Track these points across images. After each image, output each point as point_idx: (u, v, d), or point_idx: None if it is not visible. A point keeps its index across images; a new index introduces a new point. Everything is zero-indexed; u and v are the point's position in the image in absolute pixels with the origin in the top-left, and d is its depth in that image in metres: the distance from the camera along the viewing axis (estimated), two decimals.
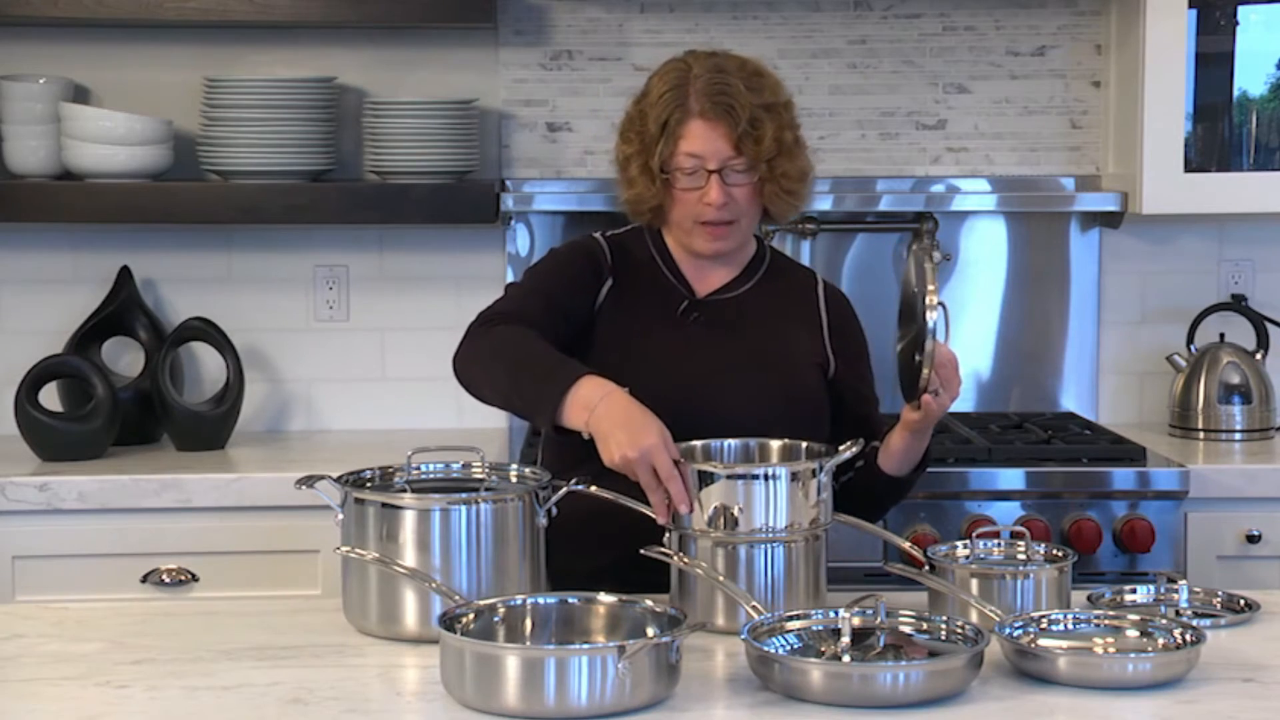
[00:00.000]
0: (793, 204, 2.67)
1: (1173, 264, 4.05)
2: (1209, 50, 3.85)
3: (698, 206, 2.61)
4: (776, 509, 2.32)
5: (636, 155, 2.64)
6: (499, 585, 2.30)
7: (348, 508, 2.36)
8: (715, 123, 2.57)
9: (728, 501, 2.31)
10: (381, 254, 3.96)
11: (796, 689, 2.01)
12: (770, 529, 2.32)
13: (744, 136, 2.57)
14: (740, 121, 2.57)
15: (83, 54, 3.89)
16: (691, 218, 2.62)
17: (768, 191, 2.63)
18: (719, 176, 2.59)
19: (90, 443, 3.57)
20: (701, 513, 2.32)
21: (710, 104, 2.57)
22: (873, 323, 3.99)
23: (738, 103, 2.57)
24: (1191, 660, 2.11)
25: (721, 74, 2.60)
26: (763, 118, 2.59)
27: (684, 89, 2.60)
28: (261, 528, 3.39)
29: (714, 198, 2.59)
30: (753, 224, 2.69)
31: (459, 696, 2.00)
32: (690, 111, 2.59)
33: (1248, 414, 3.84)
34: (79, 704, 2.05)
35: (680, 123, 2.59)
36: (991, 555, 2.47)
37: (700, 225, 2.62)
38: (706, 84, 2.59)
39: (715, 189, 2.59)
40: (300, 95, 3.75)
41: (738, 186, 2.60)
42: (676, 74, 2.63)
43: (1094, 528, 3.40)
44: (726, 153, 2.58)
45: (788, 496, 2.32)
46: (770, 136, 2.59)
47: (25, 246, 3.92)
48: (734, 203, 2.61)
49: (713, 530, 2.31)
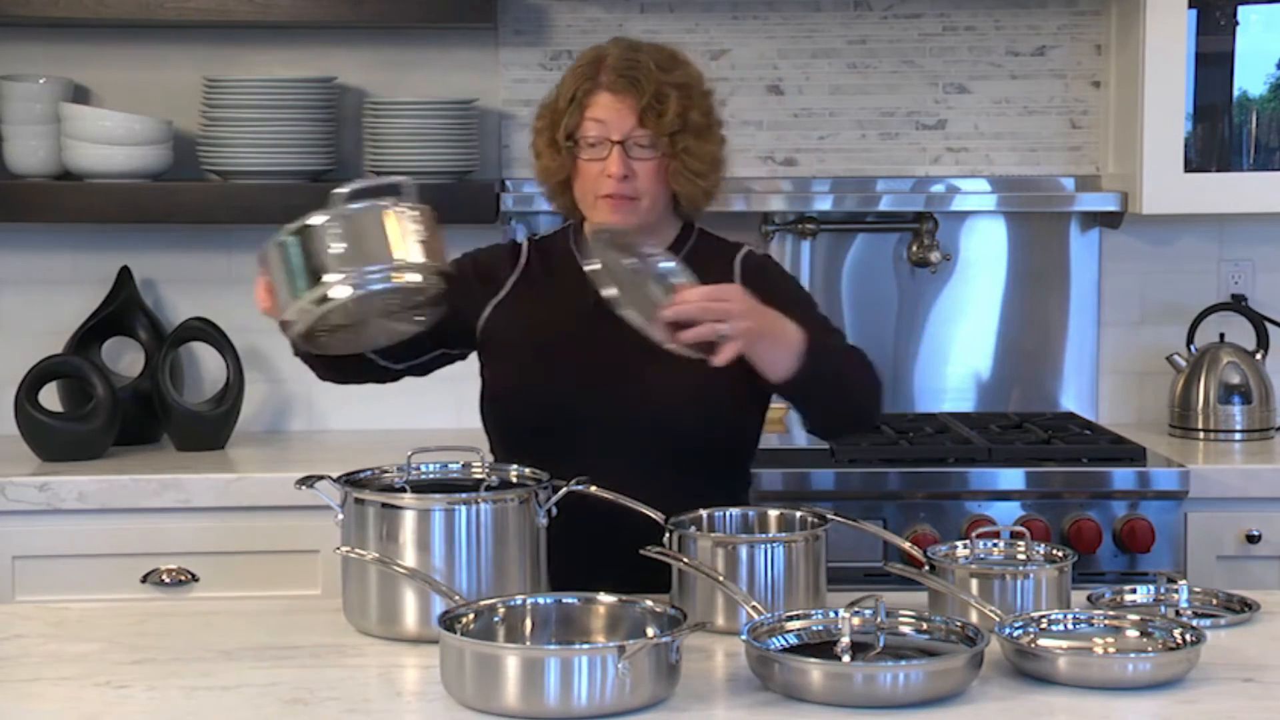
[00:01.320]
0: (700, 187, 2.64)
1: (1172, 264, 4.05)
2: (1209, 50, 3.85)
3: (599, 179, 2.60)
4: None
5: (545, 129, 2.68)
6: (499, 585, 2.30)
7: (348, 508, 2.36)
8: (621, 95, 2.59)
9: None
10: None
11: (796, 689, 2.01)
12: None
13: (648, 109, 2.58)
14: (645, 94, 2.58)
15: (83, 54, 3.89)
16: (594, 192, 2.62)
17: (672, 169, 2.61)
18: (622, 149, 2.59)
19: (90, 443, 3.57)
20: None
21: (617, 77, 2.60)
22: (873, 322, 4.03)
23: (644, 76, 2.59)
24: (1191, 660, 2.11)
25: (634, 52, 2.64)
26: (669, 93, 2.60)
27: (597, 65, 2.63)
28: (261, 528, 3.39)
29: (614, 169, 2.58)
30: (657, 204, 2.65)
31: (459, 696, 2.00)
32: (599, 84, 2.61)
33: (1248, 414, 3.84)
34: (79, 704, 2.05)
35: (588, 94, 2.61)
36: (991, 555, 2.46)
37: (602, 199, 2.62)
38: (617, 59, 2.62)
39: (615, 160, 2.59)
40: (300, 95, 3.75)
41: (640, 161, 2.60)
42: (592, 53, 2.67)
43: (1094, 528, 3.40)
44: (630, 123, 2.59)
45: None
46: (674, 112, 2.59)
47: (25, 246, 3.92)
48: (635, 178, 2.60)
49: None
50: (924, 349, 4.03)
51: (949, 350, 4.03)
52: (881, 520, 3.36)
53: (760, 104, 4.00)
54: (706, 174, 2.64)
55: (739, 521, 2.51)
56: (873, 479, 3.45)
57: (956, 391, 4.03)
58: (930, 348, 4.03)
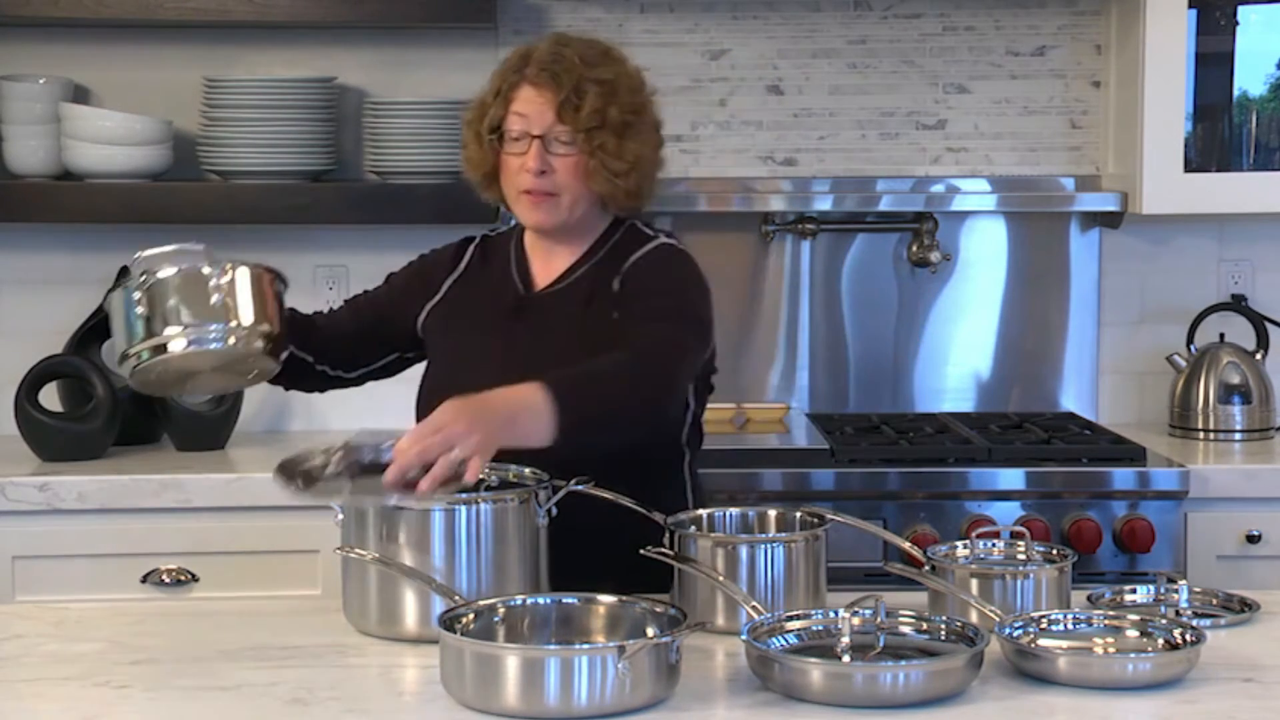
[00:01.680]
0: (618, 186, 2.57)
1: (1172, 264, 4.05)
2: (1209, 50, 3.85)
3: (519, 174, 2.58)
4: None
5: (473, 122, 2.66)
6: (499, 585, 2.30)
7: (348, 508, 2.36)
8: (543, 88, 2.57)
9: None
10: (381, 254, 3.95)
11: (796, 689, 2.01)
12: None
13: (565, 104, 2.55)
14: (564, 89, 2.55)
15: (83, 54, 3.89)
16: (516, 186, 2.60)
17: (590, 167, 2.57)
18: (541, 144, 2.56)
19: (90, 443, 3.57)
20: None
21: (540, 70, 2.57)
22: (873, 322, 4.03)
23: (566, 71, 2.56)
24: (1191, 660, 2.11)
25: (561, 46, 2.61)
26: (589, 89, 2.55)
27: (525, 58, 2.61)
28: (261, 528, 3.39)
29: (531, 164, 2.56)
30: (579, 201, 2.59)
31: (459, 696, 2.00)
32: (524, 77, 2.59)
33: (1248, 414, 3.84)
34: (79, 704, 2.05)
35: (513, 87, 2.59)
36: (991, 555, 2.47)
37: (522, 194, 2.60)
38: (543, 54, 2.59)
39: (533, 155, 2.56)
40: (300, 95, 3.76)
41: (559, 157, 2.56)
42: (525, 47, 2.65)
43: (1094, 528, 3.40)
44: (550, 118, 2.56)
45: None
46: (592, 107, 2.54)
47: (25, 246, 3.92)
48: (554, 173, 2.56)
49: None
50: (924, 349, 4.03)
51: (949, 350, 4.03)
52: (881, 520, 3.36)
53: (760, 104, 4.00)
54: (626, 173, 2.57)
55: (739, 521, 2.51)
56: (873, 479, 3.45)
57: (956, 391, 4.03)
58: (930, 348, 4.03)
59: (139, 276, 2.38)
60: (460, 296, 2.72)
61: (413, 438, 2.20)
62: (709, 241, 3.92)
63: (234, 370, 2.51)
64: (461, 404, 2.24)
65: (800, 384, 4.01)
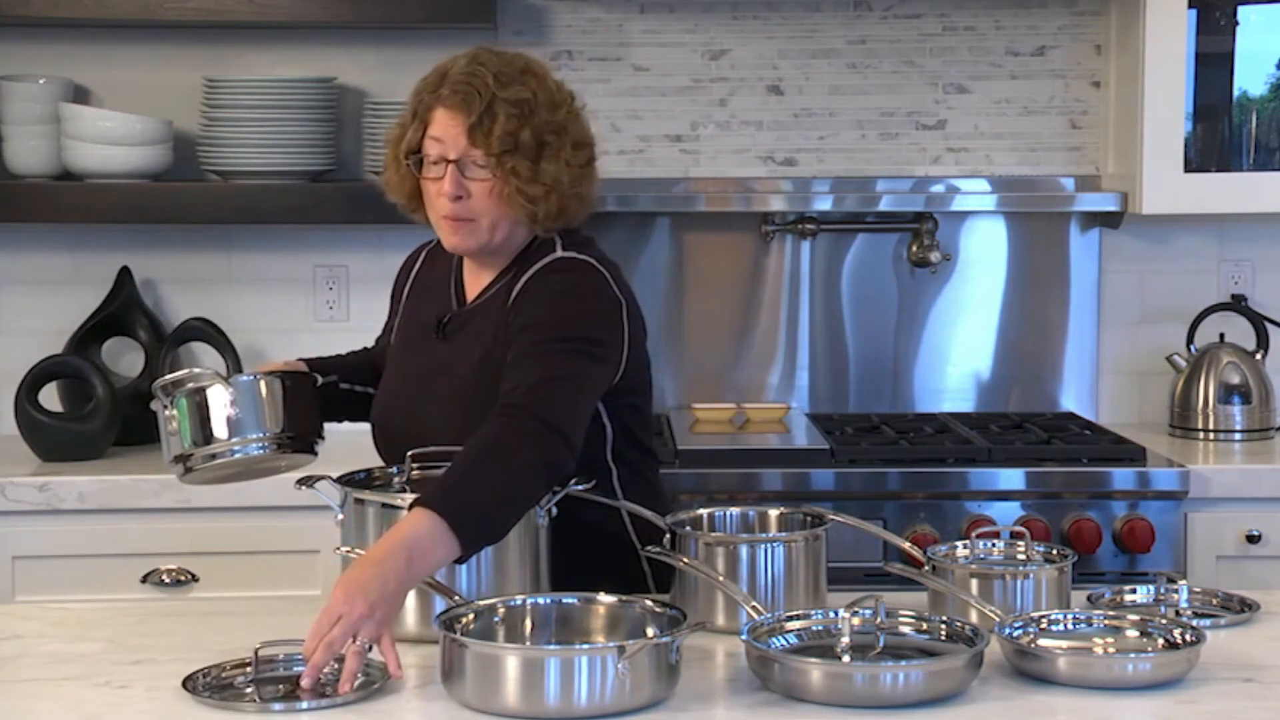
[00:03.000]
0: (536, 210, 2.46)
1: (1172, 264, 4.05)
2: (1209, 50, 3.85)
3: (438, 199, 2.49)
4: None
5: (394, 142, 2.56)
6: (499, 585, 2.30)
7: (348, 508, 2.36)
8: (455, 111, 2.45)
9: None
10: (381, 254, 3.96)
11: (796, 689, 2.01)
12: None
13: (475, 127, 2.44)
14: (474, 111, 2.44)
15: (83, 54, 3.89)
16: (437, 212, 2.51)
17: (506, 193, 2.44)
18: (456, 168, 2.45)
19: (90, 443, 3.57)
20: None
21: (452, 92, 2.46)
22: (873, 322, 4.03)
23: (478, 92, 2.44)
24: (1191, 660, 2.11)
25: (476, 64, 2.48)
26: (500, 111, 2.43)
27: (441, 77, 2.49)
28: (261, 528, 3.39)
29: (446, 189, 2.46)
30: (499, 225, 2.48)
31: (459, 696, 2.00)
32: (439, 98, 2.47)
33: (1248, 414, 3.84)
34: (79, 704, 2.05)
35: (429, 109, 2.48)
36: (991, 555, 2.47)
37: (443, 220, 2.50)
38: (458, 72, 2.47)
39: (449, 180, 2.45)
40: (300, 95, 3.75)
41: (475, 181, 2.45)
42: (444, 64, 2.52)
43: (1094, 528, 3.40)
44: (463, 142, 2.45)
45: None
46: (502, 130, 2.42)
47: (25, 246, 3.92)
48: (469, 199, 2.45)
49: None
50: (924, 349, 4.03)
51: (949, 350, 4.03)
52: (881, 520, 3.36)
53: (760, 104, 4.00)
54: (543, 197, 2.45)
55: (739, 521, 2.51)
56: (873, 479, 3.45)
57: (956, 391, 4.03)
58: (930, 348, 4.03)
59: (168, 395, 2.51)
60: (409, 310, 2.68)
61: (313, 638, 2.09)
62: (709, 241, 3.93)
63: (270, 466, 2.56)
64: (350, 580, 2.12)
65: (800, 384, 4.01)
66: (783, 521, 2.51)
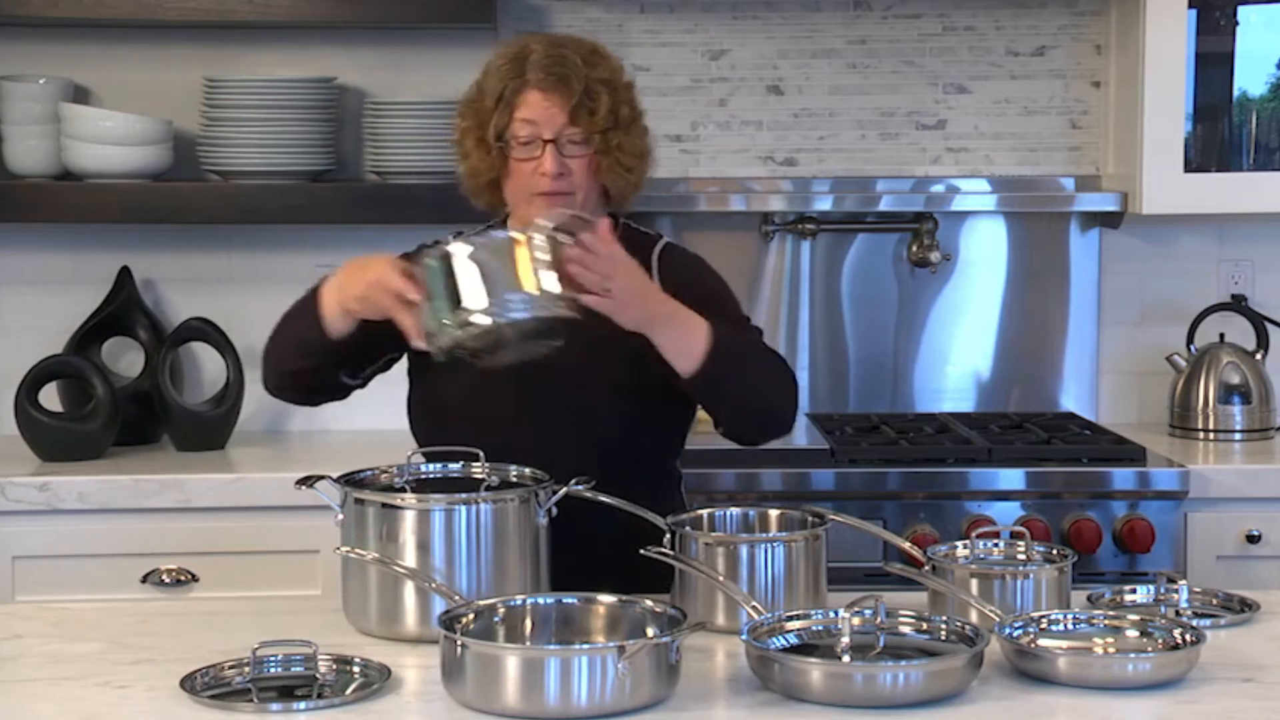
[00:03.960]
0: (630, 181, 2.66)
1: (1172, 264, 4.05)
2: (1209, 50, 3.85)
3: (533, 178, 2.60)
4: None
5: (473, 129, 2.66)
6: (499, 585, 2.30)
7: (348, 508, 2.36)
8: (550, 92, 2.58)
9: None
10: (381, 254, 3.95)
11: (796, 689, 2.01)
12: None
13: (579, 107, 2.58)
14: (575, 92, 2.58)
15: (83, 54, 3.89)
16: (528, 190, 2.61)
17: (604, 165, 2.62)
18: (554, 147, 2.59)
19: (90, 443, 3.57)
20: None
21: (545, 74, 2.59)
22: (873, 322, 4.03)
23: (573, 74, 2.59)
24: (1191, 660, 2.11)
25: (558, 48, 2.63)
26: (599, 90, 2.60)
27: (521, 62, 2.61)
28: (261, 528, 3.39)
29: (549, 167, 2.58)
30: (590, 199, 2.63)
31: (459, 696, 2.00)
32: (527, 82, 2.60)
33: (1248, 414, 3.84)
34: (79, 704, 2.05)
35: (516, 93, 2.60)
36: (991, 555, 2.46)
37: (536, 197, 2.61)
38: (542, 56, 2.60)
39: (550, 158, 2.58)
40: (300, 95, 3.76)
41: (573, 158, 2.60)
42: (514, 49, 2.65)
43: (1094, 528, 3.40)
44: (561, 121, 2.58)
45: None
46: (606, 109, 2.59)
47: (25, 246, 3.92)
48: (569, 174, 2.60)
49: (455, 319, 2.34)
50: (924, 349, 4.03)
51: (949, 350, 4.03)
52: (881, 520, 3.36)
53: (760, 104, 4.00)
54: (636, 167, 2.65)
55: (739, 521, 2.51)
56: (873, 479, 3.45)
57: (956, 391, 4.04)
58: (930, 348, 4.03)
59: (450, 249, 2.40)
60: None
61: (607, 260, 2.36)
62: (709, 241, 3.92)
63: (537, 339, 2.45)
64: (637, 268, 2.43)
65: (800, 384, 4.00)
66: (783, 521, 2.51)
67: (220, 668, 2.12)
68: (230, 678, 2.10)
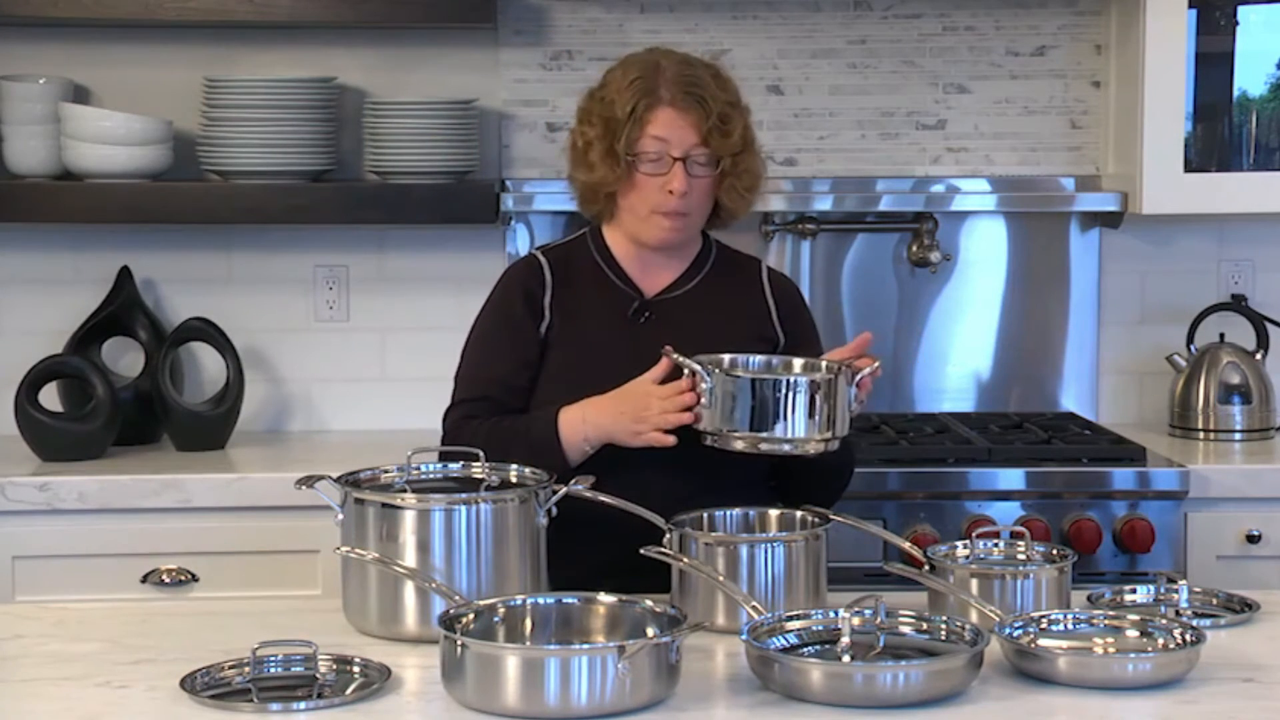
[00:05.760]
0: (746, 201, 2.73)
1: (1172, 264, 4.05)
2: (1209, 50, 3.85)
3: (658, 194, 2.64)
4: (796, 415, 2.43)
5: (599, 139, 2.67)
6: (499, 585, 2.30)
7: (348, 508, 2.36)
8: (685, 112, 2.63)
9: (747, 404, 2.43)
10: (381, 254, 3.96)
11: (796, 689, 2.01)
12: (791, 438, 2.43)
13: (713, 130, 2.63)
14: (711, 114, 2.63)
15: (83, 54, 3.89)
16: (650, 205, 2.65)
17: (726, 186, 2.68)
18: (683, 165, 2.62)
19: (90, 443, 3.57)
20: (726, 415, 2.44)
21: (682, 94, 2.63)
22: (873, 322, 4.02)
23: (709, 95, 2.64)
24: (1191, 660, 2.11)
25: (691, 68, 2.67)
26: (731, 114, 2.66)
27: (653, 78, 2.64)
28: (261, 528, 3.39)
29: (679, 185, 2.63)
30: (703, 219, 2.73)
31: (459, 696, 2.00)
32: (660, 99, 2.63)
33: (1248, 414, 3.84)
34: (79, 704, 2.05)
35: (649, 109, 2.63)
36: (991, 555, 2.47)
37: (656, 214, 2.65)
38: (676, 75, 2.65)
39: (679, 176, 2.63)
40: (300, 95, 3.75)
41: (698, 179, 2.65)
42: (643, 64, 2.68)
43: (1094, 528, 3.40)
44: (693, 142, 2.63)
45: (806, 405, 2.44)
46: (739, 133, 2.66)
47: (25, 246, 3.92)
48: (692, 194, 2.65)
49: (736, 431, 2.43)
50: (924, 349, 4.03)
51: (949, 350, 4.03)
52: (881, 520, 3.35)
53: (760, 104, 3.99)
54: (754, 188, 2.73)
55: (739, 521, 2.52)
56: (873, 479, 3.44)
57: (956, 391, 4.03)
58: (930, 348, 4.03)
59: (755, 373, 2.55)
60: (570, 299, 2.71)
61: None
62: None
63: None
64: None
65: None
66: (783, 521, 2.51)
67: (220, 668, 2.12)
68: (230, 678, 2.11)
